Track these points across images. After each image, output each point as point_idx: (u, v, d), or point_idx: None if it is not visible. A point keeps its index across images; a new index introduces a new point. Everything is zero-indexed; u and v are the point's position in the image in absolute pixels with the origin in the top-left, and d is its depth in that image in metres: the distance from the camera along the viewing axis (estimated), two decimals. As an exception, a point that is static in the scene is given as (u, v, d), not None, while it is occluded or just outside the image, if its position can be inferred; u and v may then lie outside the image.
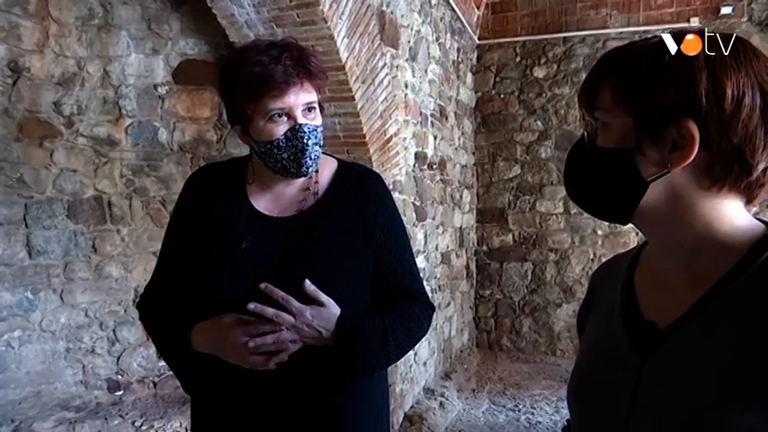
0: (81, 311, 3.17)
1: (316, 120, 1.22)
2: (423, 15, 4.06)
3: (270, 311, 1.14)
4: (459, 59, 5.13)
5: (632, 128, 0.67)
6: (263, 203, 1.29)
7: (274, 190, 1.30)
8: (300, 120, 1.19)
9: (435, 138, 4.42)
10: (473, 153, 5.67)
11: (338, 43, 2.74)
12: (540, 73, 5.46)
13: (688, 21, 5.00)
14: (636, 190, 0.68)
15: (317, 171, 1.30)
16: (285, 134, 1.18)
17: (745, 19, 4.86)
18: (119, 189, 3.24)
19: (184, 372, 1.32)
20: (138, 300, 1.40)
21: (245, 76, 1.17)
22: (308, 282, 1.17)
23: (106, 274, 3.22)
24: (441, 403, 3.90)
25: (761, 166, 0.65)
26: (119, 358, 3.25)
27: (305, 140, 1.18)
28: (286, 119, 1.19)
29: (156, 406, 3.13)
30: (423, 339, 1.33)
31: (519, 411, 3.98)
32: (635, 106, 0.67)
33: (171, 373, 3.31)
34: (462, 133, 5.27)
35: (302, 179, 1.28)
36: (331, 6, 2.64)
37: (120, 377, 3.24)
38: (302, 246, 1.22)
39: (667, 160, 0.65)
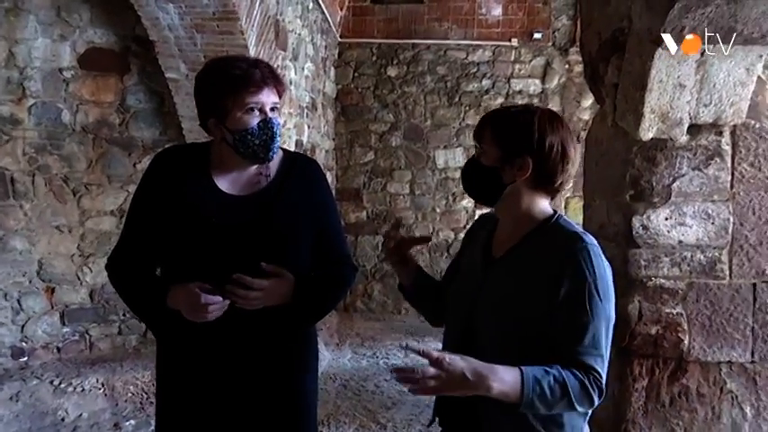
0: (-16, 283, 3.30)
1: (278, 118, 1.49)
2: (303, 20, 4.62)
3: (241, 293, 1.40)
4: (326, 56, 5.75)
5: (499, 156, 1.23)
6: (224, 184, 1.51)
7: (234, 173, 1.52)
8: (270, 115, 1.45)
9: (308, 127, 5.03)
10: (333, 139, 6.36)
11: (250, 51, 3.24)
12: (392, 72, 6.30)
13: (510, 40, 6.17)
14: (500, 189, 1.25)
15: None
16: (258, 124, 1.43)
17: (550, 44, 6.15)
18: (21, 166, 3.40)
19: (157, 320, 1.54)
20: (106, 262, 1.57)
21: (229, 75, 1.42)
22: (264, 264, 1.42)
23: (10, 247, 3.37)
24: (314, 355, 4.60)
25: (558, 181, 1.23)
26: (23, 326, 3.43)
27: (274, 130, 1.45)
28: (258, 113, 1.43)
29: (65, 368, 3.39)
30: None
31: (377, 357, 4.83)
32: (502, 145, 1.22)
33: (75, 338, 3.59)
34: (327, 122, 5.93)
35: (255, 165, 1.52)
36: (247, 20, 3.13)
37: (24, 344, 3.43)
38: (263, 220, 1.47)
39: (515, 176, 1.22)
